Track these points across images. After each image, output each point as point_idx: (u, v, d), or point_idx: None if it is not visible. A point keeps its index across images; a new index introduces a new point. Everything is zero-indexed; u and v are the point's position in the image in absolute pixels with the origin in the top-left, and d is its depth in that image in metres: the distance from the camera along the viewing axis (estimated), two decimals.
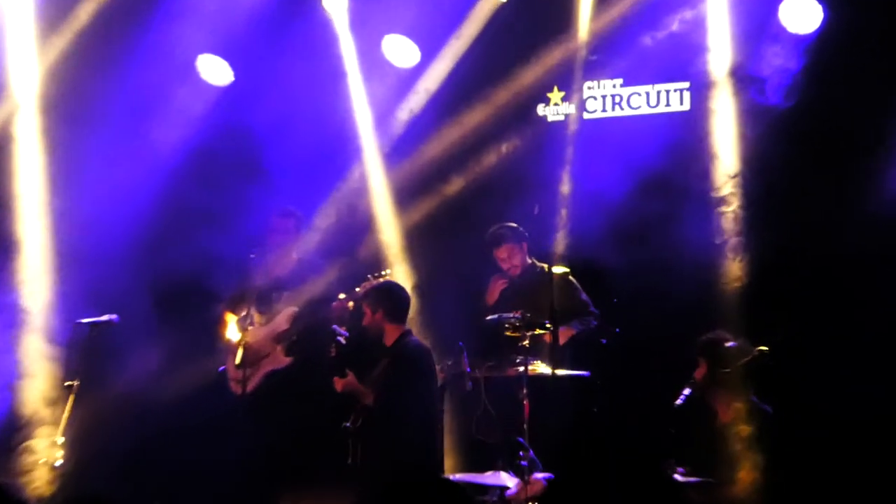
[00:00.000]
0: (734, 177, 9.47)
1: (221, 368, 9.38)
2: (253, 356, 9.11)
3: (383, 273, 9.13)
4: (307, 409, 9.03)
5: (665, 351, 8.88)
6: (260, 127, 10.27)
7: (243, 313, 9.13)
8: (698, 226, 9.27)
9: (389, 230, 10.35)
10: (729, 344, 8.02)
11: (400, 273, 9.94)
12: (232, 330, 9.33)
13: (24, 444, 9.21)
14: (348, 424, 8.27)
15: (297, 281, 9.44)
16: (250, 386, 9.03)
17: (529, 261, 9.33)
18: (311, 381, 9.04)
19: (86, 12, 10.23)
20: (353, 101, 10.49)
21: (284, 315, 9.38)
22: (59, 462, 8.20)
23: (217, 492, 8.88)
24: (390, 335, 8.57)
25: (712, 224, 9.37)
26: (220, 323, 9.42)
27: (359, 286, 8.97)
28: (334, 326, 8.44)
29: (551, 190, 9.76)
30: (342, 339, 8.35)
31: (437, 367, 8.56)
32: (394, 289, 8.79)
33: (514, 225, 9.26)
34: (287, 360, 9.29)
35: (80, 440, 8.70)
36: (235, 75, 10.59)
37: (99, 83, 10.00)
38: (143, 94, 10.14)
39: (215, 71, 10.65)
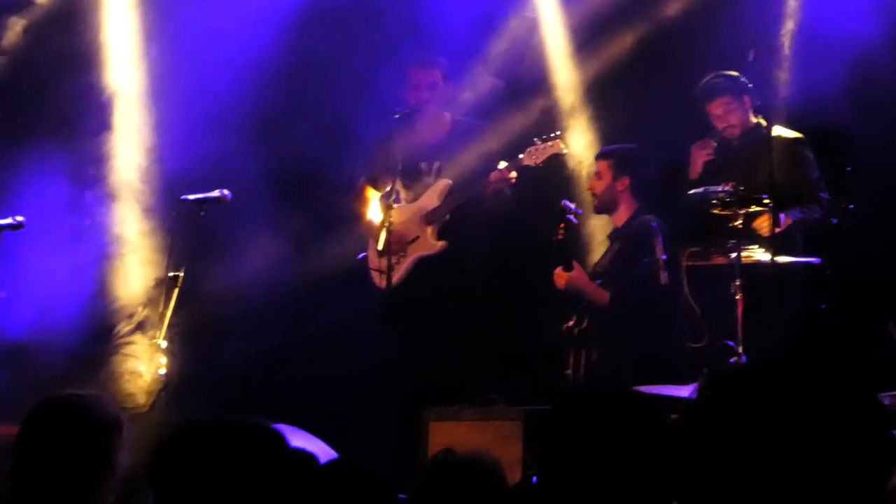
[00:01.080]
0: None
1: (361, 256, 8.84)
2: (398, 241, 8.54)
3: (553, 135, 8.41)
4: (471, 308, 8.54)
5: None
6: None
7: (387, 188, 8.57)
8: None
9: (565, 81, 9.40)
10: None
11: (576, 135, 9.15)
12: (374, 209, 8.77)
13: (117, 349, 8.85)
14: (571, 325, 7.86)
15: (451, 148, 8.74)
16: (397, 276, 8.45)
17: (754, 120, 8.35)
18: (470, 272, 8.58)
19: None
20: None
21: (435, 190, 8.72)
22: (160, 371, 7.69)
23: (355, 412, 8.46)
24: (623, 212, 8.07)
25: None
26: (359, 200, 8.89)
27: (523, 153, 8.32)
28: (565, 202, 7.75)
29: (772, 28, 8.71)
30: (573, 218, 7.73)
31: None
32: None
33: (735, 74, 8.27)
34: (440, 245, 8.66)
35: (187, 345, 8.36)
36: None
37: None
38: None
39: None
